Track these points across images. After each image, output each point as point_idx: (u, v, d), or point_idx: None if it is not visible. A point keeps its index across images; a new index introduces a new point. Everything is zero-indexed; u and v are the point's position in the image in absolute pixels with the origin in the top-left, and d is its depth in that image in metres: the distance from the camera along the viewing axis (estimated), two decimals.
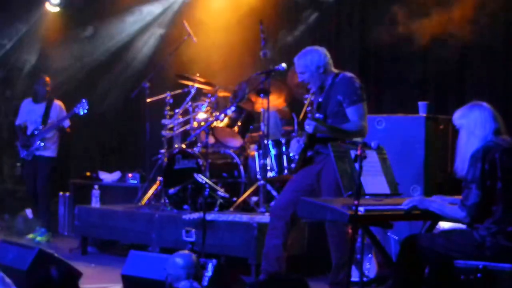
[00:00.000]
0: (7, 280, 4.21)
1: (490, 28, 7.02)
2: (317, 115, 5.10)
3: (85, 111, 8.20)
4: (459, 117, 4.21)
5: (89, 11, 10.11)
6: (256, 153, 6.98)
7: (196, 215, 6.43)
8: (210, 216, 6.28)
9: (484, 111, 4.14)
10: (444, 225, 4.66)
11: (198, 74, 8.04)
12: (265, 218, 6.29)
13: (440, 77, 7.41)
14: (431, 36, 7.39)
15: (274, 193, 6.70)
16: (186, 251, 4.20)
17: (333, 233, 5.03)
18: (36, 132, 8.41)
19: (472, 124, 4.11)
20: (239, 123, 7.50)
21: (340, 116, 5.04)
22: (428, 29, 7.38)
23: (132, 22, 9.97)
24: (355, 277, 5.37)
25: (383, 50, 7.78)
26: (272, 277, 3.22)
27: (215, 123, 7.26)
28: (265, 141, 6.67)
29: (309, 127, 5.00)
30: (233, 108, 7.34)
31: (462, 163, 4.08)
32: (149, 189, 7.85)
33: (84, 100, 8.21)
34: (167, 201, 7.27)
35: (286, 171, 6.86)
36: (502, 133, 4.13)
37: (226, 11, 9.07)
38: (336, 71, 5.16)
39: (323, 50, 5.16)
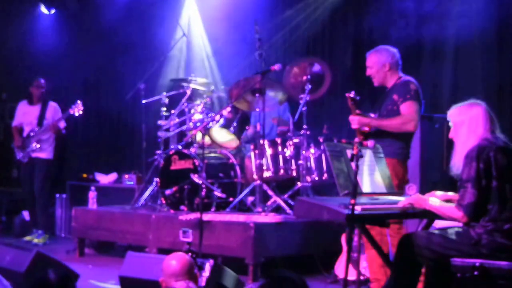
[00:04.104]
0: (5, 282, 4.21)
1: (483, 25, 7.03)
2: (371, 115, 5.26)
3: (80, 112, 8.20)
4: (457, 113, 4.20)
5: None
6: (252, 153, 6.98)
7: (193, 216, 6.43)
8: (207, 217, 6.28)
9: (483, 109, 4.15)
10: (440, 223, 4.66)
11: (193, 75, 8.04)
12: (262, 218, 6.30)
13: (435, 76, 7.41)
14: (426, 34, 7.41)
15: (270, 193, 6.70)
16: (180, 252, 4.19)
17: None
18: (32, 134, 8.41)
19: (474, 122, 4.11)
20: (234, 124, 7.52)
21: (394, 115, 5.21)
22: (423, 26, 7.40)
23: None
24: (351, 275, 5.40)
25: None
26: (270, 277, 3.20)
27: (211, 124, 7.27)
28: (261, 141, 6.68)
29: (352, 122, 5.14)
30: (228, 109, 7.35)
31: (460, 160, 4.07)
32: (146, 190, 7.85)
33: (78, 101, 8.21)
34: (163, 202, 7.27)
35: (282, 171, 6.87)
36: (496, 131, 4.14)
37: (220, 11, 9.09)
38: (401, 74, 5.39)
39: (394, 51, 5.42)
